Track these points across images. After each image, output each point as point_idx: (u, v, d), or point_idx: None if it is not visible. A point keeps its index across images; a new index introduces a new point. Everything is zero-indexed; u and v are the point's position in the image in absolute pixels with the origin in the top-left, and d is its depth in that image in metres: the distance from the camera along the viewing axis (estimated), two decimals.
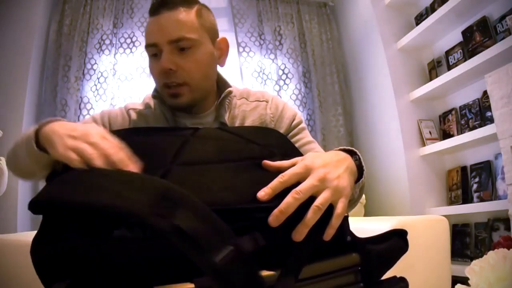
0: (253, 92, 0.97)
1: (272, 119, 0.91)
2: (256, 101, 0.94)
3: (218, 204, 0.45)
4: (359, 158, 0.65)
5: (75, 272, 0.42)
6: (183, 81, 0.82)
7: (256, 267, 0.42)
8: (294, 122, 0.93)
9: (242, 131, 0.69)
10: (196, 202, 0.42)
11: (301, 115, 0.97)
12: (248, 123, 0.89)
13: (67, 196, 0.42)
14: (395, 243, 0.56)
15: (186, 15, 0.82)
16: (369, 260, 0.52)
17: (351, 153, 0.65)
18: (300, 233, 0.47)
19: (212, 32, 0.88)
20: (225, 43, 0.91)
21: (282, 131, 0.90)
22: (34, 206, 0.43)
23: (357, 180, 0.64)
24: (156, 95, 0.90)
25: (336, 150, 0.66)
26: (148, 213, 0.39)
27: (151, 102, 0.93)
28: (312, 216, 0.47)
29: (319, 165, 0.53)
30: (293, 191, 0.48)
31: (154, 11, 0.83)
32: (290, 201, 0.47)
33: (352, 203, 0.72)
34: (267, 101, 0.94)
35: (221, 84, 0.93)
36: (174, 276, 0.42)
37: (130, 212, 0.39)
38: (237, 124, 0.89)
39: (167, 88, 0.83)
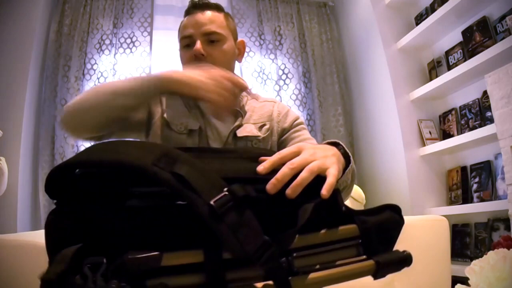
0: (263, 96, 1.14)
1: (278, 115, 1.04)
2: (265, 101, 1.10)
3: (225, 174, 0.50)
4: (343, 147, 0.72)
5: (86, 239, 0.45)
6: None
7: (250, 212, 0.45)
8: (297, 121, 1.06)
9: (248, 148, 0.81)
10: (193, 160, 0.48)
11: (303, 120, 1.12)
12: (256, 115, 1.03)
13: (83, 157, 0.49)
14: (389, 215, 0.58)
15: (217, 16, 1.03)
16: (367, 231, 0.54)
17: (336, 145, 0.72)
18: (293, 190, 0.50)
19: (235, 34, 1.08)
20: (243, 44, 1.11)
21: (285, 126, 1.03)
22: (54, 173, 0.48)
23: (346, 168, 0.70)
24: None
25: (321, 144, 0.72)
26: (150, 164, 0.45)
27: None
28: (305, 175, 0.52)
29: (311, 147, 0.59)
30: (288, 163, 0.53)
31: (189, 11, 1.03)
32: (285, 171, 0.52)
33: (346, 189, 0.78)
34: (274, 102, 1.09)
35: None
36: (184, 244, 0.45)
37: (134, 165, 0.45)
38: (246, 114, 1.02)
39: None
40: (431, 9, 2.07)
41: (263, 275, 0.46)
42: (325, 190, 0.51)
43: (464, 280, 0.91)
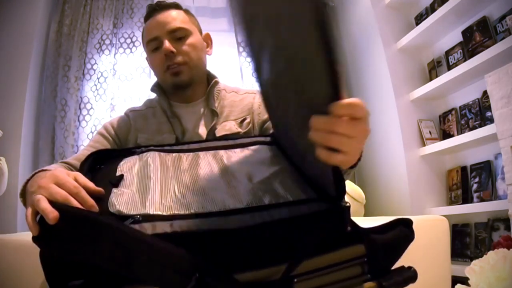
0: (244, 88, 1.12)
1: (259, 107, 1.02)
2: (245, 93, 1.07)
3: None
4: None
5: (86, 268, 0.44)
6: (183, 61, 0.98)
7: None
8: None
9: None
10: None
11: None
12: (237, 111, 1.01)
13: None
14: (400, 232, 0.55)
15: (178, 13, 1.02)
16: (374, 250, 0.51)
17: None
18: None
19: (199, 27, 1.07)
20: (209, 37, 1.10)
21: (265, 117, 1.00)
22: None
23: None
24: (155, 88, 1.06)
25: None
26: None
27: (151, 102, 1.08)
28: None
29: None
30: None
31: (149, 15, 1.02)
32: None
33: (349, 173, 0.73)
34: (255, 93, 1.07)
35: (209, 77, 1.07)
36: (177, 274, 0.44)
37: None
38: (226, 112, 1.01)
39: (169, 70, 0.98)
40: (431, 9, 2.07)
41: None
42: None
43: (464, 280, 0.91)
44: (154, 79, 1.09)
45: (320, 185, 0.55)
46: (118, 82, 2.19)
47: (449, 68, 1.97)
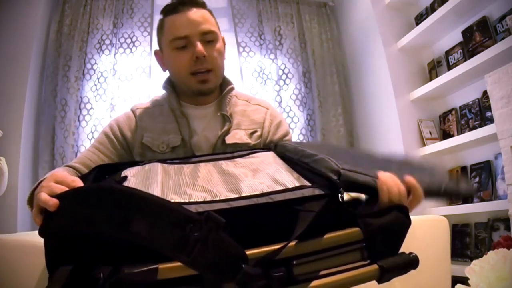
0: (255, 98, 1.11)
1: (270, 125, 1.02)
2: (257, 105, 1.06)
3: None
4: None
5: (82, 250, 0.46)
6: (211, 68, 0.95)
7: (226, 241, 0.44)
8: (286, 138, 1.04)
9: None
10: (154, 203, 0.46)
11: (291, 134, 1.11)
12: (248, 121, 1.01)
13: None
14: (395, 216, 0.56)
15: (206, 13, 0.97)
16: (372, 235, 0.52)
17: None
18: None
19: (220, 30, 1.02)
20: (224, 41, 1.05)
21: (274, 138, 1.01)
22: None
23: None
24: (167, 86, 1.02)
25: None
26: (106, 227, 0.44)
27: (159, 100, 1.04)
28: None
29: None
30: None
31: (176, 8, 0.96)
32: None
33: None
34: (267, 108, 1.06)
35: (224, 82, 1.04)
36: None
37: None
38: (236, 120, 0.99)
39: (196, 76, 0.95)
40: (431, 9, 2.07)
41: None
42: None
43: (464, 280, 0.91)
44: (154, 79, 1.07)
45: (323, 175, 0.59)
46: (118, 82, 2.18)
47: (449, 68, 1.97)
